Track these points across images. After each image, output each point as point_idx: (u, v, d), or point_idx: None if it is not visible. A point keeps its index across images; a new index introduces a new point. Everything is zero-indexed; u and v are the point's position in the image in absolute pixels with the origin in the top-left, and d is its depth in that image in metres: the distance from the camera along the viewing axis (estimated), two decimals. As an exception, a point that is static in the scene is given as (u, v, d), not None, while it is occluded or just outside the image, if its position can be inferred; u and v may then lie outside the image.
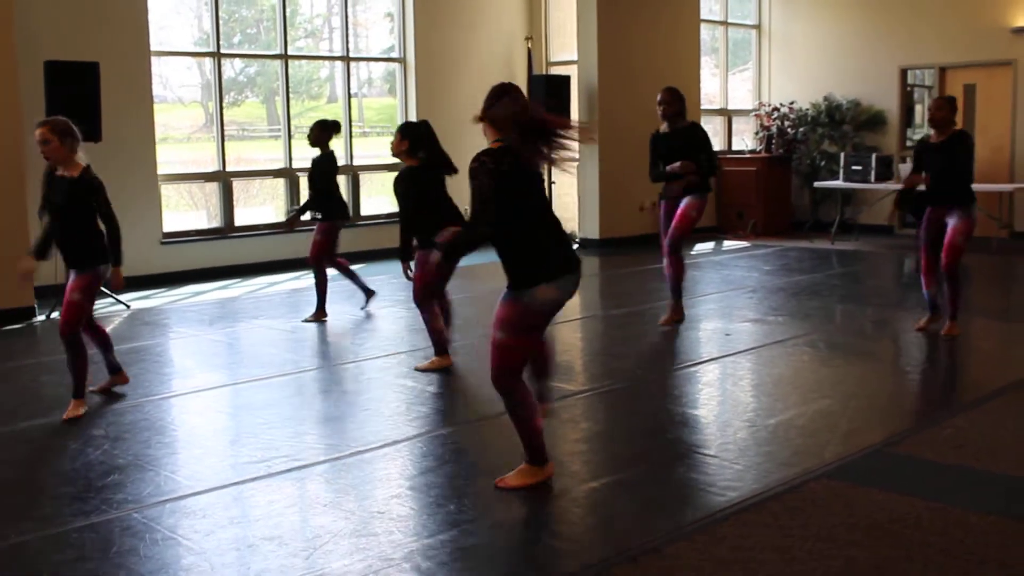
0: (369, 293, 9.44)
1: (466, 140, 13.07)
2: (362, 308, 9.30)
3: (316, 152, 8.82)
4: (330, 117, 9.79)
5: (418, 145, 7.10)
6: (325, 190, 8.80)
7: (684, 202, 8.25)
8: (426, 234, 6.79)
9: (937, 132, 7.81)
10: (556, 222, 4.84)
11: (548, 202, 4.97)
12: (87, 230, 6.09)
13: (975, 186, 7.95)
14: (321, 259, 8.86)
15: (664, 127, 8.45)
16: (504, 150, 4.65)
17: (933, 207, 7.87)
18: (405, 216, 7.09)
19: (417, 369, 7.03)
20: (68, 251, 6.16)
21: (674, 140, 8.34)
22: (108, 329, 8.59)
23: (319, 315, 8.84)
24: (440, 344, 7.13)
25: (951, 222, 7.73)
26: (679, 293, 8.36)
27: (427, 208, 6.95)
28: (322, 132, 8.80)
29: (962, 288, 7.96)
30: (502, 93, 4.87)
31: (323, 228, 8.82)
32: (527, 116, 4.77)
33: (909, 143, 15.04)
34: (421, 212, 6.97)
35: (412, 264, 7.05)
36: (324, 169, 8.82)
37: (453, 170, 7.12)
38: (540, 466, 4.71)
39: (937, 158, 7.74)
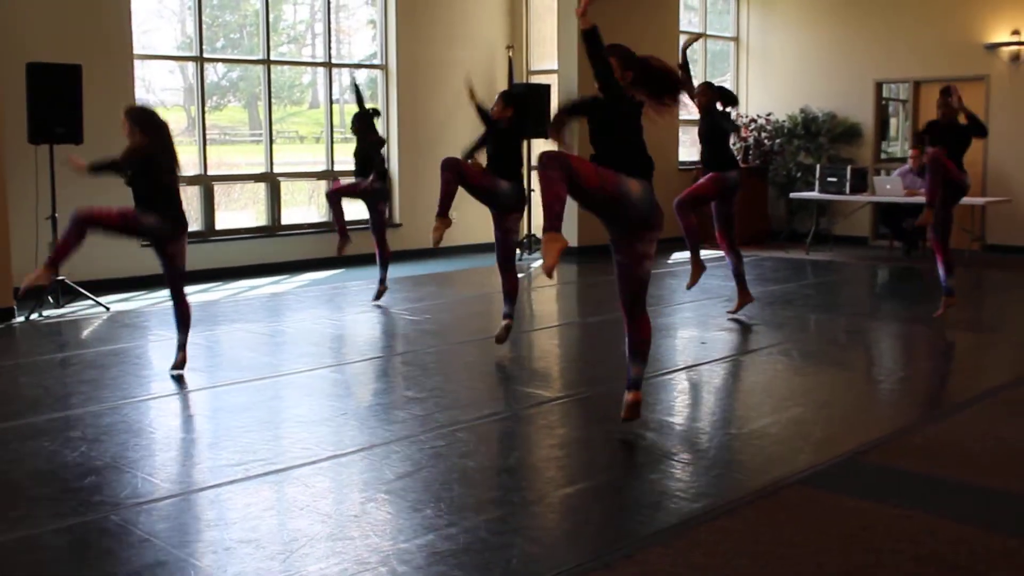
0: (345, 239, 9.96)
1: (444, 145, 13.10)
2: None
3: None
4: (311, 125, 9.82)
5: (521, 111, 8.02)
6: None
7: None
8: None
9: None
10: None
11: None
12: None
13: None
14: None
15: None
16: None
17: None
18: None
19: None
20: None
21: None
22: (86, 332, 8.57)
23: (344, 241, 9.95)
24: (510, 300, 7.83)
25: None
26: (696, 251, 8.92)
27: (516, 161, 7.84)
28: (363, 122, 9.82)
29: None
30: None
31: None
32: None
33: (884, 155, 15.14)
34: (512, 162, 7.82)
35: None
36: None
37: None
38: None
39: None
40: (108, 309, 9.42)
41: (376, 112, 10.05)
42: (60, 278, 9.51)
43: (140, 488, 4.77)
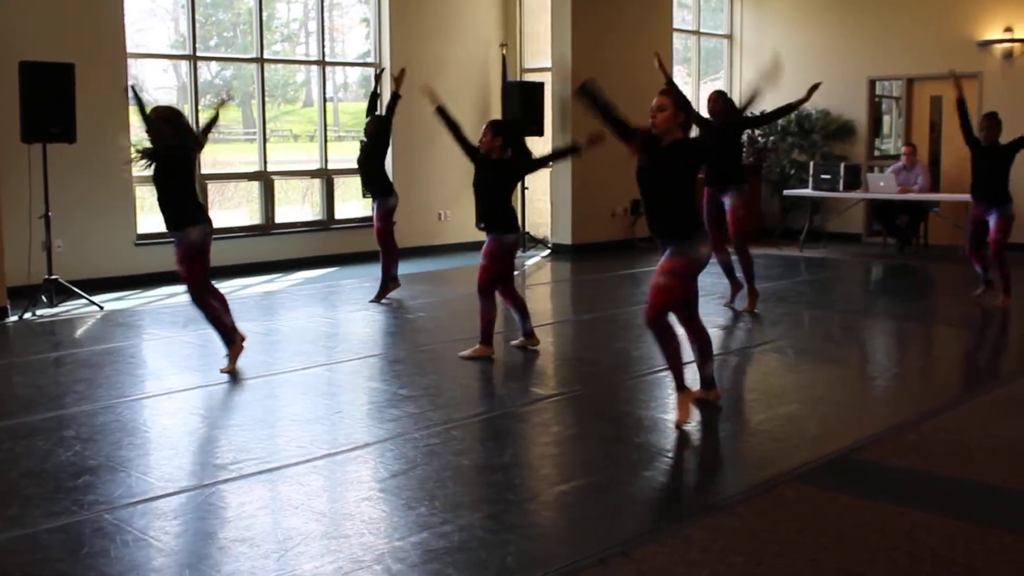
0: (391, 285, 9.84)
1: (438, 143, 13.06)
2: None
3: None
4: (305, 123, 9.82)
5: (509, 143, 7.42)
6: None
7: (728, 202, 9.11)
8: (498, 226, 7.25)
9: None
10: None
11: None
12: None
13: (939, 196, 8.29)
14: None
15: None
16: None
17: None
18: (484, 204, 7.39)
19: (461, 357, 7.33)
20: None
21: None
22: (80, 331, 8.55)
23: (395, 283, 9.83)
24: (486, 333, 7.36)
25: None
26: (751, 279, 9.19)
27: (504, 202, 7.31)
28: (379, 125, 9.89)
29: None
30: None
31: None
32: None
33: (877, 152, 15.15)
34: (499, 205, 7.29)
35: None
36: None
37: (539, 165, 7.88)
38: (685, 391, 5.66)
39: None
40: (102, 308, 9.40)
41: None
42: (53, 277, 9.49)
43: (134, 487, 4.75)
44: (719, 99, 9.27)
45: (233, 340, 7.04)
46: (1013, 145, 9.23)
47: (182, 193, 6.90)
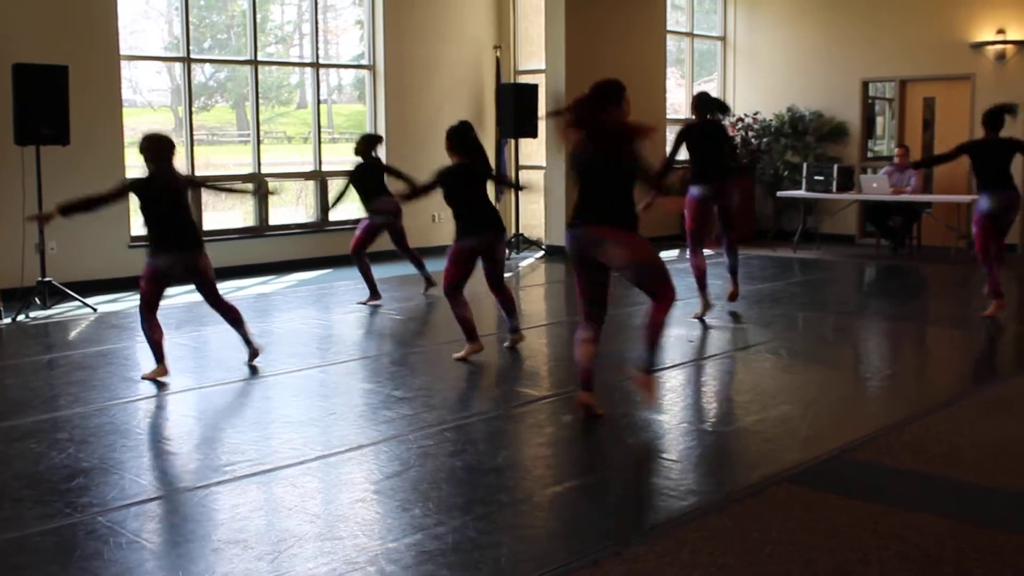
0: (375, 295, 9.81)
1: (432, 146, 13.04)
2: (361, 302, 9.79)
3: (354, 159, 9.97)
4: (299, 125, 9.82)
5: (457, 148, 7.51)
6: (377, 190, 9.88)
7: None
8: (456, 229, 7.33)
9: None
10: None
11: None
12: None
13: (932, 197, 8.24)
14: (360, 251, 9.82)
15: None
16: None
17: None
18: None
19: (455, 358, 7.33)
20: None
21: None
22: (73, 333, 8.54)
23: (373, 298, 9.74)
24: (467, 332, 7.36)
25: None
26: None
27: (456, 205, 7.38)
28: (367, 144, 9.96)
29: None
30: None
31: (367, 226, 9.85)
32: None
33: (870, 154, 15.19)
34: (454, 208, 7.39)
35: None
36: (373, 173, 9.94)
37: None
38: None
39: None
40: (95, 310, 9.39)
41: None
42: (47, 279, 9.49)
43: (128, 489, 4.75)
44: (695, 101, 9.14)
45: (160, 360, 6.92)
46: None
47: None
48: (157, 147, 6.89)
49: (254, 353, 7.22)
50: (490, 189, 7.81)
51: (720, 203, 8.95)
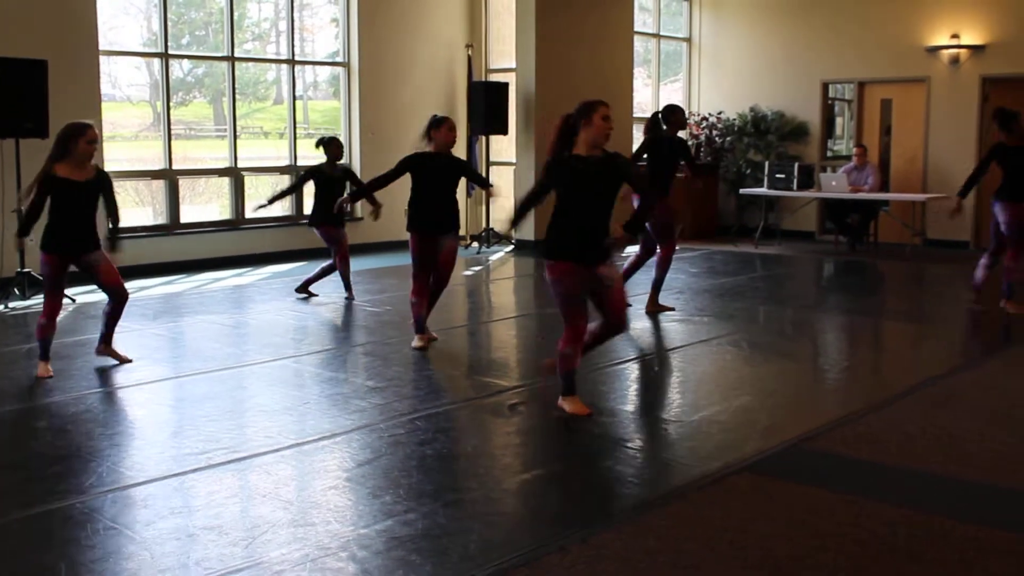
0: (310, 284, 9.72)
1: (405, 142, 13.01)
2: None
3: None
4: (275, 121, 9.75)
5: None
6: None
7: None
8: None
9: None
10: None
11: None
12: None
13: (889, 195, 8.27)
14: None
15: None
16: None
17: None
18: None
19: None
20: None
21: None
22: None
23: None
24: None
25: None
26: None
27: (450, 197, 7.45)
28: (339, 148, 9.72)
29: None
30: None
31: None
32: None
33: (829, 153, 15.28)
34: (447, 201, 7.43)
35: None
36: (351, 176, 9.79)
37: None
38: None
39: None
40: (74, 301, 9.31)
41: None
42: (26, 271, 9.40)
43: (105, 477, 4.72)
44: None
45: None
46: None
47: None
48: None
49: None
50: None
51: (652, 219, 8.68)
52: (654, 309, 8.83)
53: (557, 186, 5.57)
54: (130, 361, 7.01)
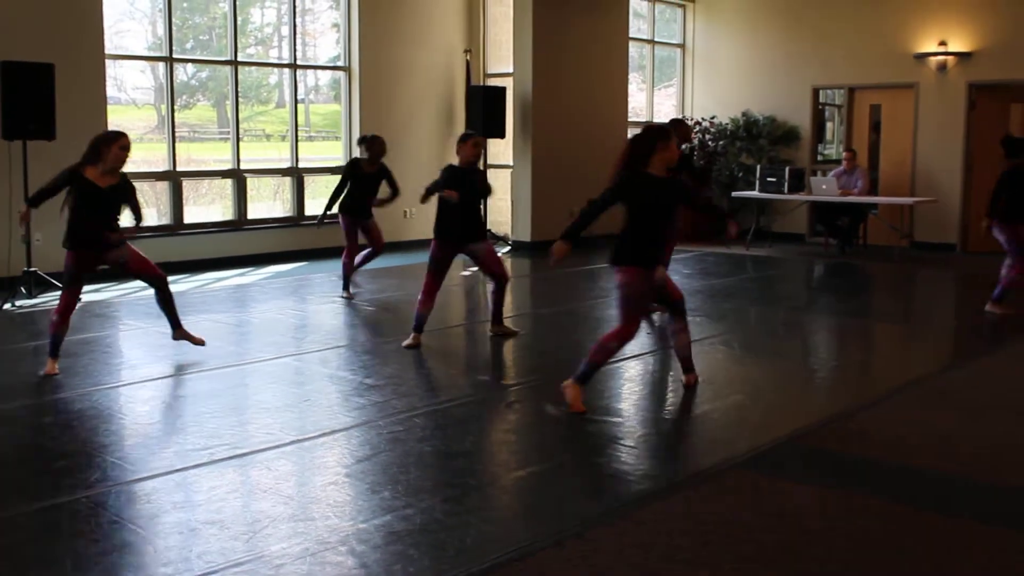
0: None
1: (405, 145, 13.03)
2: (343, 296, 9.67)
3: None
4: (277, 124, 9.74)
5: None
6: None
7: None
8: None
9: None
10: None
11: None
12: None
13: (878, 199, 8.27)
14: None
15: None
16: None
17: None
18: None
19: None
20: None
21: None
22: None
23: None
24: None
25: None
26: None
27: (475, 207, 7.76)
28: (381, 146, 9.69)
29: None
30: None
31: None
32: None
33: (820, 157, 15.28)
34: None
35: None
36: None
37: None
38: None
39: None
40: (80, 300, 9.28)
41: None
42: (32, 269, 9.39)
43: (109, 472, 4.71)
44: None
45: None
46: None
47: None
48: None
49: None
50: None
51: None
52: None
53: (629, 200, 5.76)
54: (203, 343, 7.19)
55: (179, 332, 7.13)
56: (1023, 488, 4.63)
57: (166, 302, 7.02)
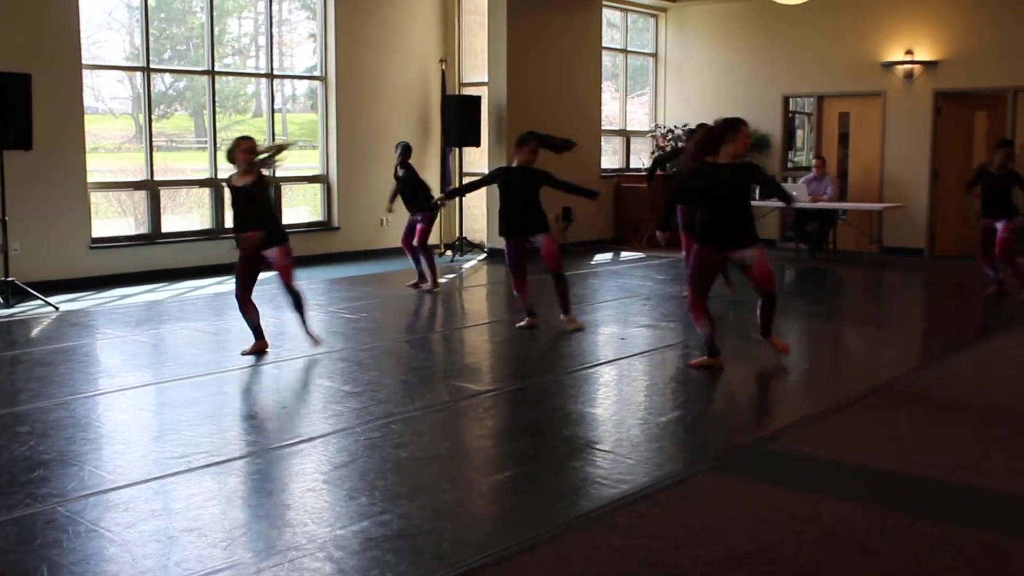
0: (422, 279, 10.61)
1: (381, 153, 13.02)
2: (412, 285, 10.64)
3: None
4: (254, 133, 9.70)
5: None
6: (424, 192, 10.60)
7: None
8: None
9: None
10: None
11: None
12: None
13: (847, 204, 8.41)
14: (424, 242, 10.53)
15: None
16: None
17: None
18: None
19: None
20: None
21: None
22: (36, 331, 8.40)
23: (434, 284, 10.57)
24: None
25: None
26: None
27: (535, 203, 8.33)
28: (403, 152, 10.67)
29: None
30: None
31: (427, 218, 10.46)
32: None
33: (790, 164, 15.37)
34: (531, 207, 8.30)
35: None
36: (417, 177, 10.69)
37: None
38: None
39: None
40: (57, 309, 9.23)
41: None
42: (10, 279, 9.32)
43: (87, 480, 4.68)
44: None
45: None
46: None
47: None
48: None
49: None
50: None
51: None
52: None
53: (700, 187, 6.69)
54: (321, 342, 7.56)
55: (309, 332, 7.58)
56: (989, 489, 4.67)
57: (296, 307, 7.55)
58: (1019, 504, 4.50)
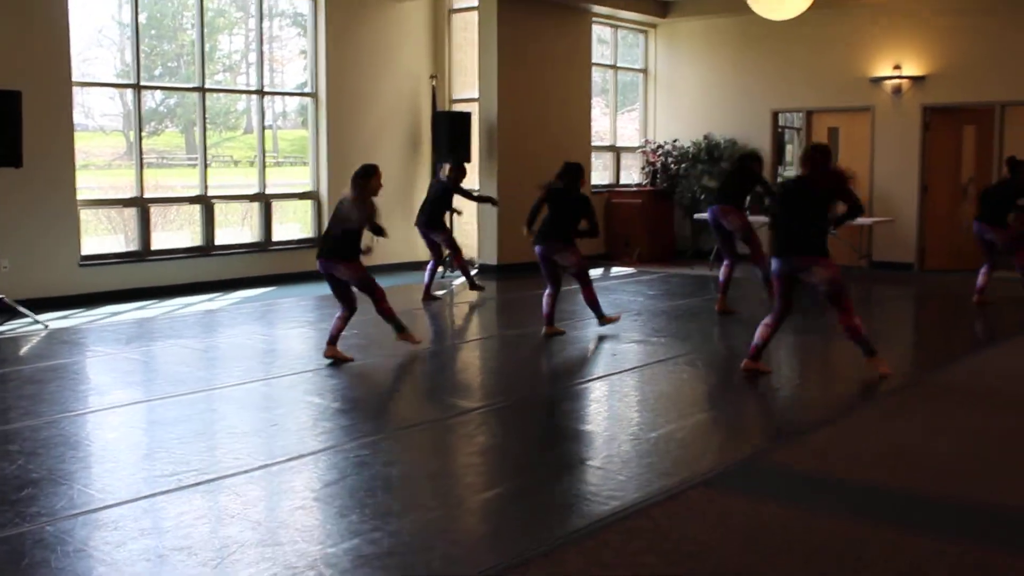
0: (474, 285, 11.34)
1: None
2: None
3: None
4: (244, 149, 9.68)
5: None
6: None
7: None
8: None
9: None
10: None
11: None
12: None
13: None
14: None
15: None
16: None
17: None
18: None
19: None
20: None
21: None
22: (25, 348, 8.36)
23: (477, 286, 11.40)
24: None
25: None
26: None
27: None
28: (453, 170, 11.20)
29: None
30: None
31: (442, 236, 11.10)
32: None
33: (780, 179, 15.40)
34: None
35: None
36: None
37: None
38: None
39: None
40: (46, 326, 9.20)
41: None
42: (0, 296, 9.29)
43: (76, 499, 4.66)
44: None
45: None
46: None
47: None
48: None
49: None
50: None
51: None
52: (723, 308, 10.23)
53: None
54: (351, 360, 7.66)
55: (331, 349, 7.74)
56: (980, 503, 4.67)
57: (342, 320, 7.82)
58: (1013, 518, 4.51)
